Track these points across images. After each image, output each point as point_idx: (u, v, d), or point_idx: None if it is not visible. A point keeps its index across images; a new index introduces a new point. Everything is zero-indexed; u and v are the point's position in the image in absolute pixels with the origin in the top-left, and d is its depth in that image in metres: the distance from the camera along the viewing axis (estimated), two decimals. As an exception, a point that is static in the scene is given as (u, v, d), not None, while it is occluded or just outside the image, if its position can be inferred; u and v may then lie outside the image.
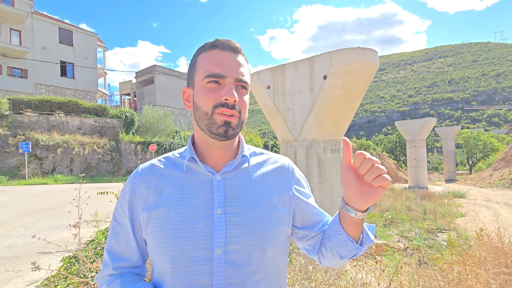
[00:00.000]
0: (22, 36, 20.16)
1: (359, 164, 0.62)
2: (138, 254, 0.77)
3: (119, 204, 0.78)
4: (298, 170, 0.86)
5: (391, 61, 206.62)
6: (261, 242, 0.70)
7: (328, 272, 1.80)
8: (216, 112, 0.69)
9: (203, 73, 0.71)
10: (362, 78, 4.69)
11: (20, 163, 14.14)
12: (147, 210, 0.72)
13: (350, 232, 0.72)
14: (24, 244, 4.26)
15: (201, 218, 0.69)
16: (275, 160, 0.84)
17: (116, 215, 0.79)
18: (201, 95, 0.71)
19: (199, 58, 0.74)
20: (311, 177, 4.99)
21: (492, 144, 33.88)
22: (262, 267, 0.71)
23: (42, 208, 6.92)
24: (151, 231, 0.71)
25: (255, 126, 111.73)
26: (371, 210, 10.69)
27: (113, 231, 0.78)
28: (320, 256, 0.82)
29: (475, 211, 9.87)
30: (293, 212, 0.80)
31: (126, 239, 0.76)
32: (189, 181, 0.74)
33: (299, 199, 0.80)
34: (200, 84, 0.72)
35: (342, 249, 0.73)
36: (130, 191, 0.76)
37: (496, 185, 18.13)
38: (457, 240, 5.94)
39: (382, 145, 38.59)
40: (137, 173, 0.78)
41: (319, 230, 0.81)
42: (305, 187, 0.85)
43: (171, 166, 0.78)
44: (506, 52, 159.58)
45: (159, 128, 19.85)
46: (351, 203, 0.68)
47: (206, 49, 0.74)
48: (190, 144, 0.78)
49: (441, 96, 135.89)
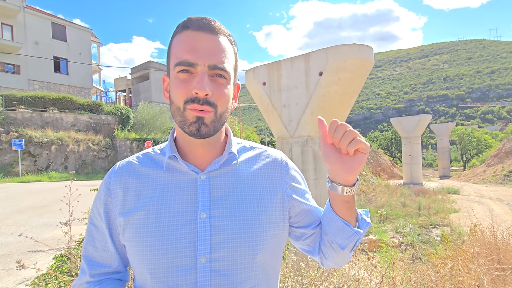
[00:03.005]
0: (14, 31, 19.79)
1: (333, 131, 0.61)
2: (117, 259, 0.70)
3: (95, 206, 0.70)
4: (293, 165, 0.78)
5: (387, 58, 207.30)
6: (250, 248, 0.63)
7: (320, 269, 1.80)
8: (188, 108, 0.60)
9: (174, 60, 0.62)
10: (357, 75, 4.68)
11: (13, 160, 13.96)
12: (123, 215, 0.65)
13: (343, 215, 0.68)
14: (15, 242, 4.21)
15: (183, 223, 0.62)
16: (267, 155, 0.75)
17: (92, 217, 0.71)
18: (173, 87, 0.63)
19: (173, 42, 0.64)
20: (307, 173, 4.99)
21: (485, 141, 34.26)
22: (251, 275, 0.64)
23: (35, 206, 6.84)
24: (128, 237, 0.64)
25: (252, 123, 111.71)
26: (367, 207, 10.77)
27: (89, 235, 0.71)
28: (321, 256, 0.76)
29: (469, 207, 10.00)
30: (289, 211, 0.73)
31: (104, 244, 0.69)
32: (170, 182, 0.66)
33: (294, 197, 0.73)
34: (173, 73, 0.63)
35: (341, 237, 0.69)
36: (105, 193, 0.68)
37: (489, 181, 18.37)
38: (451, 236, 6.01)
39: (377, 141, 38.83)
40: (113, 172, 0.70)
41: (316, 228, 0.76)
42: (301, 183, 0.78)
43: (150, 165, 0.69)
44: (501, 50, 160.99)
45: (155, 125, 19.74)
46: (337, 179, 0.66)
47: (179, 30, 0.63)
48: (171, 139, 0.69)
49: (436, 93, 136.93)
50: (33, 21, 20.59)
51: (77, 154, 15.84)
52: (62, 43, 21.96)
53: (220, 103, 0.63)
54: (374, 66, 5.27)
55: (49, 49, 21.09)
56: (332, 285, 1.72)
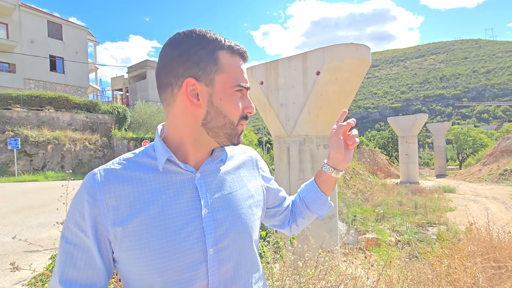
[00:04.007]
0: (9, 29, 19.58)
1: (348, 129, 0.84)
2: (104, 275, 0.65)
3: (73, 223, 0.64)
4: (258, 156, 0.93)
5: (384, 57, 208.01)
6: (248, 232, 0.73)
7: (317, 268, 1.81)
8: (241, 123, 0.71)
9: (233, 80, 0.68)
10: (355, 74, 4.69)
11: (9, 159, 13.84)
12: (120, 224, 0.62)
13: (327, 192, 0.91)
14: (12, 243, 4.17)
15: (188, 222, 0.65)
16: (243, 150, 0.87)
17: (68, 236, 0.64)
18: (231, 103, 0.68)
19: (223, 58, 0.67)
20: (304, 172, 5.00)
21: (481, 140, 34.52)
22: (251, 255, 0.74)
23: (31, 206, 6.80)
24: (130, 246, 0.62)
25: (249, 122, 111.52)
26: (364, 205, 10.83)
27: (67, 256, 0.63)
28: (292, 226, 0.96)
29: (465, 205, 10.08)
30: (266, 196, 0.88)
31: (89, 262, 0.63)
32: (168, 183, 0.67)
33: (266, 183, 0.89)
34: (229, 90, 0.68)
35: (323, 210, 0.92)
36: (91, 205, 0.63)
37: (485, 180, 18.53)
38: (447, 234, 6.06)
39: (374, 141, 38.98)
40: (97, 182, 0.64)
41: (286, 204, 0.95)
42: (266, 171, 0.92)
43: (137, 169, 0.67)
44: (496, 49, 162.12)
45: (152, 124, 19.65)
46: (338, 166, 0.87)
47: (232, 51, 0.69)
48: (161, 141, 0.70)
49: (432, 93, 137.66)
50: (29, 19, 20.38)
51: (74, 154, 15.74)
52: (58, 42, 21.78)
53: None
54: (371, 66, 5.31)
55: (45, 47, 20.90)
56: (329, 283, 1.74)
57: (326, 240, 3.15)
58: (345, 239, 7.30)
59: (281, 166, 5.28)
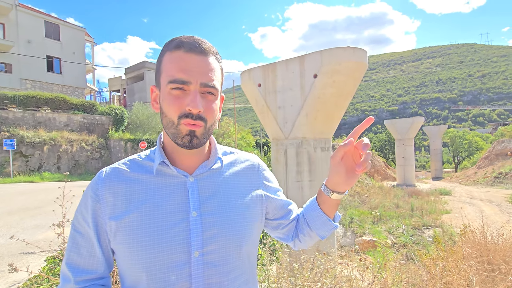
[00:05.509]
0: (6, 29, 19.47)
1: (363, 148, 0.70)
2: (103, 264, 0.72)
3: (80, 213, 0.72)
4: (265, 166, 0.89)
5: (381, 60, 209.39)
6: (237, 240, 0.72)
7: (313, 270, 1.82)
8: (181, 122, 0.66)
9: (166, 77, 0.67)
10: (352, 77, 4.73)
11: (4, 160, 13.72)
12: (115, 219, 0.68)
13: (328, 213, 0.83)
14: (6, 244, 4.14)
15: (176, 222, 0.68)
16: (245, 158, 0.85)
17: (76, 224, 0.72)
18: (166, 102, 0.68)
19: (164, 59, 0.69)
20: (302, 175, 5.02)
21: (477, 143, 34.80)
22: (239, 264, 0.73)
23: (26, 207, 6.74)
24: (122, 240, 0.67)
25: (247, 124, 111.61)
26: (361, 208, 10.86)
27: (73, 243, 0.72)
28: (296, 241, 0.90)
29: (460, 208, 10.15)
30: (266, 207, 0.84)
31: (90, 250, 0.71)
32: (161, 185, 0.71)
33: (269, 195, 0.85)
34: (165, 89, 0.68)
35: (323, 230, 0.84)
36: (93, 199, 0.70)
37: (480, 183, 18.67)
38: (443, 236, 6.09)
39: (371, 143, 39.06)
40: (100, 179, 0.71)
41: (292, 218, 0.90)
42: (273, 182, 0.89)
43: (138, 170, 0.73)
44: (491, 54, 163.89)
45: (150, 125, 19.60)
46: (338, 189, 0.78)
47: (170, 48, 0.68)
48: (160, 147, 0.75)
49: (429, 96, 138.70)
50: (26, 19, 20.28)
51: (70, 155, 15.64)
52: (55, 42, 21.68)
53: (210, 118, 0.70)
54: (368, 69, 5.38)
55: (42, 48, 20.79)
56: (325, 285, 1.75)
57: (323, 242, 3.17)
58: (342, 241, 7.32)
59: (278, 168, 5.29)
